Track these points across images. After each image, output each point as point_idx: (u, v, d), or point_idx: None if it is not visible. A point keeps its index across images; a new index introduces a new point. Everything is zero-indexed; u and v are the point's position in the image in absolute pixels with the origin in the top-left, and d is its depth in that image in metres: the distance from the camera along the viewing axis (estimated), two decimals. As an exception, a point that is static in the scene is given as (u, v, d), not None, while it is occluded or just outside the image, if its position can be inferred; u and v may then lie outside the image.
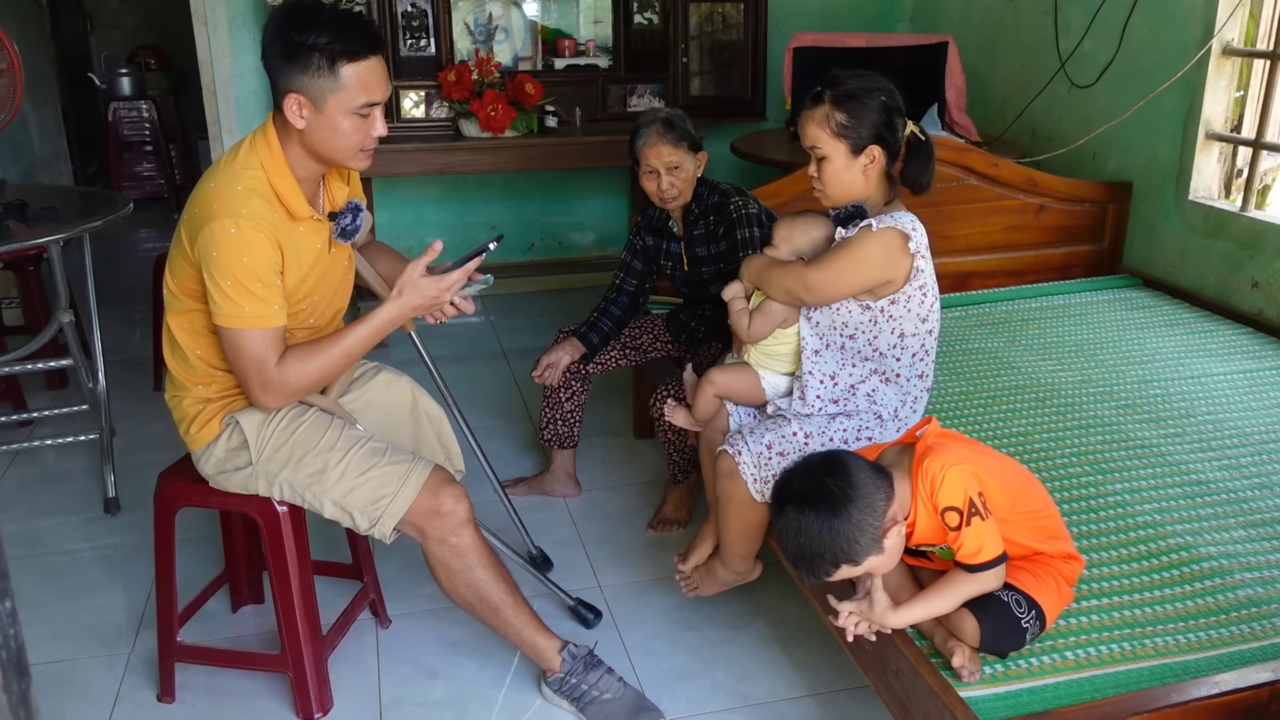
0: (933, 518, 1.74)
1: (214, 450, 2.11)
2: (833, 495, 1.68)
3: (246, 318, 1.92)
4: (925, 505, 1.74)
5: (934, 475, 1.71)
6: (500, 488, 2.79)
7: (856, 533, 1.68)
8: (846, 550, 1.68)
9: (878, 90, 2.14)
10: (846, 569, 1.71)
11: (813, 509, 1.69)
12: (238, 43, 4.57)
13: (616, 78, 4.64)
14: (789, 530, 1.72)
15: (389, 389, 2.33)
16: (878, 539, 1.70)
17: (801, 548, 1.71)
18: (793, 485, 1.74)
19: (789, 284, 2.17)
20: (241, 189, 1.93)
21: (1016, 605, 1.70)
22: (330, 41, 1.86)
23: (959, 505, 1.68)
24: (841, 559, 1.69)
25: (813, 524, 1.68)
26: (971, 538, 1.69)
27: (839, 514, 1.67)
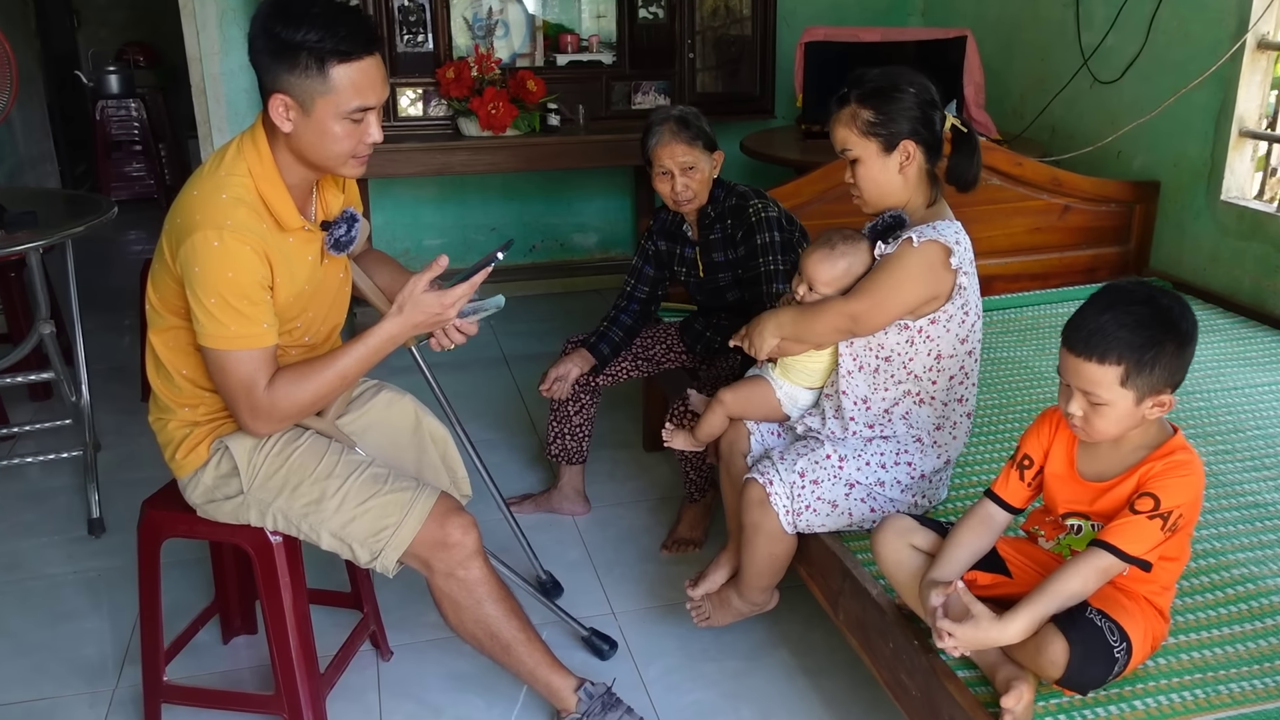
0: (1109, 493, 1.61)
1: (202, 477, 1.96)
2: (1179, 318, 1.53)
3: (233, 338, 1.77)
4: (1123, 479, 1.60)
5: (1179, 464, 1.57)
6: (505, 506, 2.64)
7: (1162, 360, 1.52)
8: (1139, 360, 1.51)
9: (907, 83, 1.99)
10: (1112, 373, 1.52)
11: (1153, 311, 1.52)
12: (228, 39, 4.41)
13: (621, 74, 4.48)
14: (1105, 305, 1.54)
15: (390, 409, 2.18)
16: (1159, 390, 1.54)
17: (1105, 327, 1.52)
18: (1142, 285, 1.58)
19: (835, 323, 2.02)
20: (226, 198, 1.77)
21: (1109, 633, 1.55)
22: (320, 39, 1.70)
23: (1167, 505, 1.54)
24: (1126, 360, 1.51)
25: (1137, 318, 1.51)
26: (1147, 531, 1.54)
27: (1169, 333, 1.52)
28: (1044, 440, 1.73)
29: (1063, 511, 1.69)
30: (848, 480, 2.05)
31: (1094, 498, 1.63)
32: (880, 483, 2.06)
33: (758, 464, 2.10)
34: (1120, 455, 1.62)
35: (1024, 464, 1.75)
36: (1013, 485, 1.75)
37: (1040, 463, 1.73)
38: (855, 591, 1.93)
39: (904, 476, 2.06)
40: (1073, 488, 1.67)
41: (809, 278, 2.07)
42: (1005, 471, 1.77)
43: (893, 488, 2.06)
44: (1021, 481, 1.74)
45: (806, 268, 2.08)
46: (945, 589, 1.61)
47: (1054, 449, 1.71)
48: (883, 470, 2.06)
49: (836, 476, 2.04)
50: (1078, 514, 1.67)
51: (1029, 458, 1.74)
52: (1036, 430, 1.75)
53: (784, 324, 2.08)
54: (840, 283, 2.05)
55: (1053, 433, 1.72)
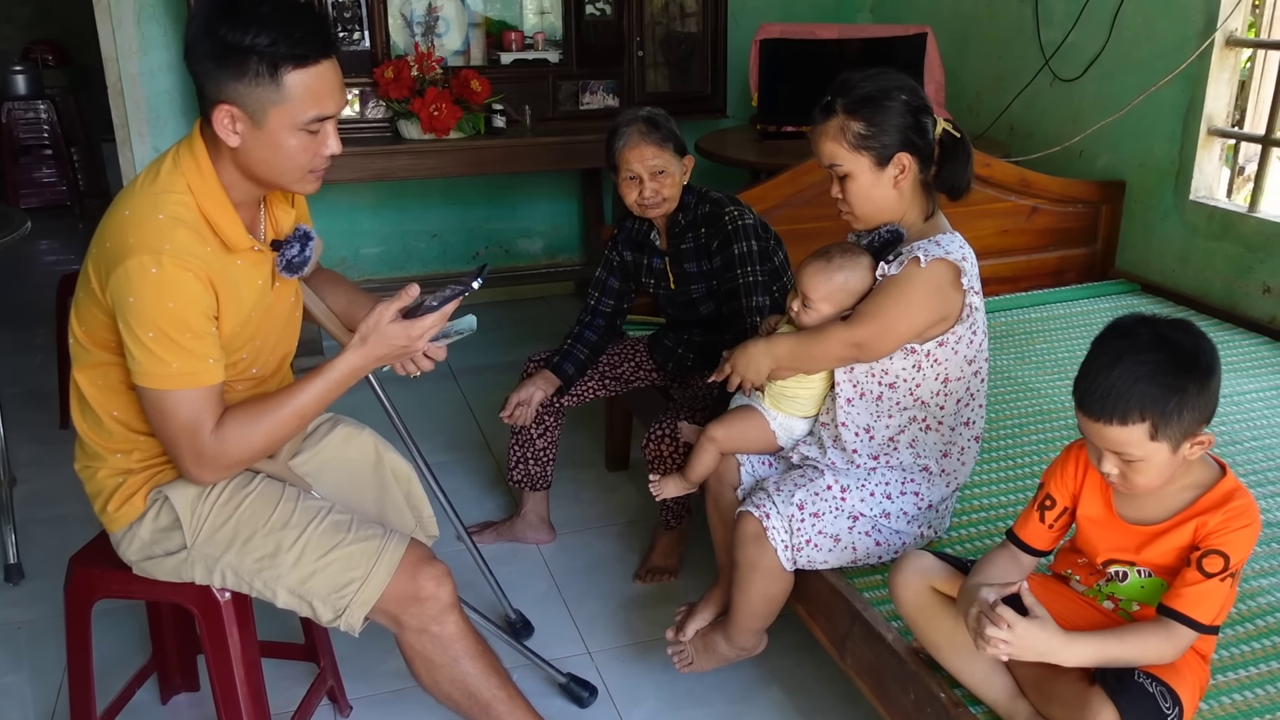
0: (1160, 539, 1.47)
1: (137, 532, 1.74)
2: (1195, 353, 1.39)
3: (174, 376, 1.56)
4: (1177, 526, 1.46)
5: (1240, 513, 1.43)
6: (467, 536, 2.45)
7: (1188, 404, 1.37)
8: (1164, 411, 1.37)
9: (896, 89, 1.85)
10: (1139, 431, 1.38)
11: (1165, 353, 1.38)
12: (146, 37, 4.12)
13: (568, 73, 4.29)
14: (1113, 358, 1.40)
15: (348, 445, 1.97)
16: (1193, 432, 1.40)
17: (1119, 385, 1.38)
18: (1146, 324, 1.43)
19: (837, 352, 1.86)
20: (164, 218, 1.56)
21: (1162, 698, 1.41)
22: (273, 43, 1.50)
23: (1237, 562, 1.41)
24: (1151, 414, 1.37)
25: (1152, 366, 1.37)
26: (1214, 592, 1.41)
27: (1189, 374, 1.38)
28: (1071, 482, 1.59)
29: (1104, 559, 1.55)
30: (851, 512, 1.90)
31: (1141, 544, 1.50)
32: (886, 514, 1.92)
33: (751, 495, 1.95)
34: (1165, 496, 1.48)
35: (1045, 505, 1.61)
36: (1034, 527, 1.61)
37: (1066, 504, 1.59)
38: (866, 636, 1.79)
39: (911, 507, 1.93)
40: (1115, 533, 1.53)
41: (803, 291, 1.92)
42: (1026, 513, 1.63)
43: (899, 519, 1.92)
44: (1043, 524, 1.61)
45: (800, 280, 1.92)
46: (1001, 587, 1.47)
47: (1085, 492, 1.57)
48: (888, 501, 1.92)
49: (839, 508, 1.90)
50: (1123, 561, 1.53)
51: (1051, 498, 1.60)
52: (1061, 470, 1.60)
53: (779, 355, 1.92)
54: (836, 298, 1.90)
55: (1080, 473, 1.58)
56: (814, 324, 1.92)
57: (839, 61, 3.95)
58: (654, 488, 2.21)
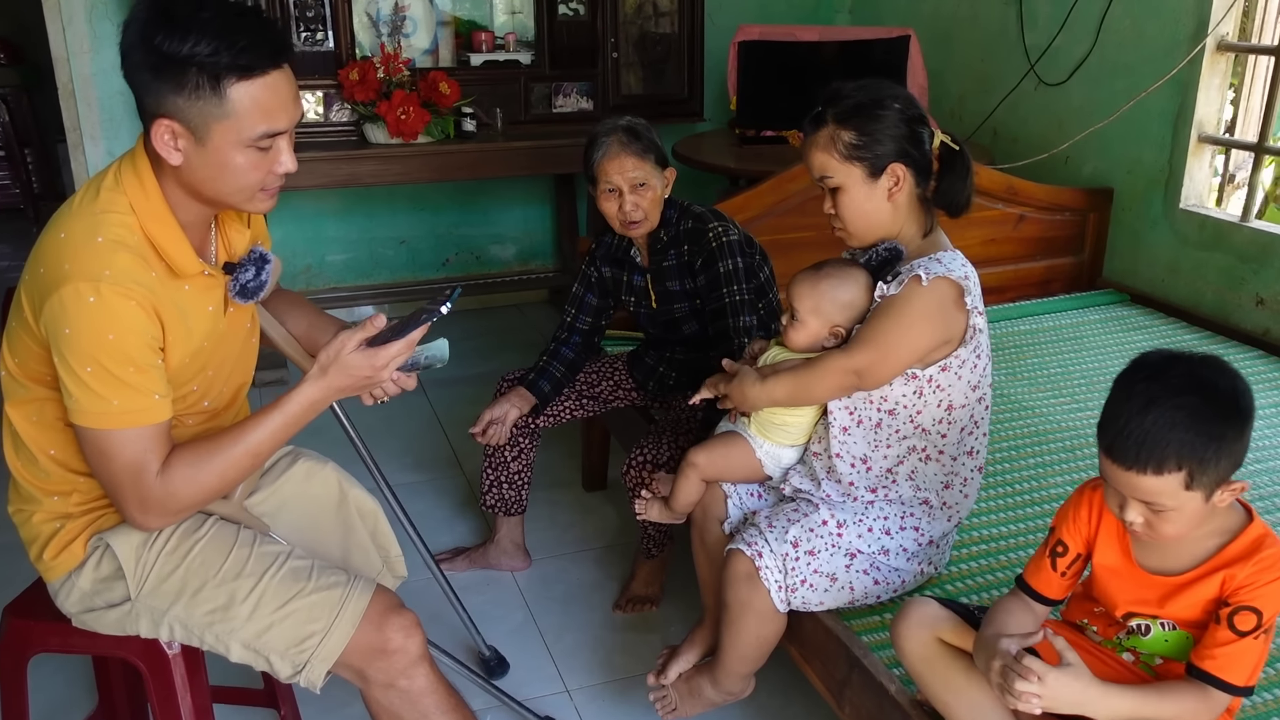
0: (1184, 591, 1.37)
1: (77, 581, 1.59)
2: (1233, 396, 1.29)
3: (115, 414, 1.41)
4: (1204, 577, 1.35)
5: (1273, 563, 1.32)
6: (436, 565, 2.31)
7: (1226, 451, 1.27)
8: (1201, 459, 1.26)
9: (890, 98, 1.74)
10: (1174, 481, 1.27)
11: (1201, 397, 1.27)
12: (99, 35, 3.94)
13: (540, 75, 4.15)
14: (1144, 402, 1.29)
15: (310, 481, 1.84)
16: (1226, 478, 1.30)
17: (1154, 432, 1.27)
18: (1177, 363, 1.32)
19: (837, 382, 1.74)
20: (103, 241, 1.42)
21: None
22: (214, 52, 1.36)
23: (1270, 616, 1.31)
24: (1188, 464, 1.26)
25: (1189, 411, 1.26)
26: (1248, 651, 1.30)
27: (1228, 419, 1.27)
28: (1085, 527, 1.47)
29: (1124, 612, 1.44)
30: (848, 550, 1.79)
31: (1164, 596, 1.39)
32: (885, 550, 1.80)
33: (742, 532, 1.83)
34: (1188, 544, 1.37)
35: (1057, 551, 1.50)
36: (1046, 575, 1.49)
37: (1080, 551, 1.48)
38: (866, 685, 1.67)
39: (911, 543, 1.82)
40: (1134, 584, 1.42)
41: (791, 304, 1.81)
42: (1037, 559, 1.52)
43: (898, 556, 1.81)
44: (1055, 571, 1.50)
45: (790, 294, 1.82)
46: (1023, 637, 1.36)
47: (1101, 538, 1.46)
48: (887, 537, 1.81)
49: (835, 546, 1.78)
50: (1144, 615, 1.43)
51: (1063, 545, 1.49)
52: (1073, 513, 1.49)
53: (775, 395, 1.79)
54: (824, 309, 1.79)
55: (1094, 518, 1.46)
56: (804, 342, 1.81)
57: (820, 64, 3.85)
58: (639, 507, 2.08)
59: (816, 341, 1.80)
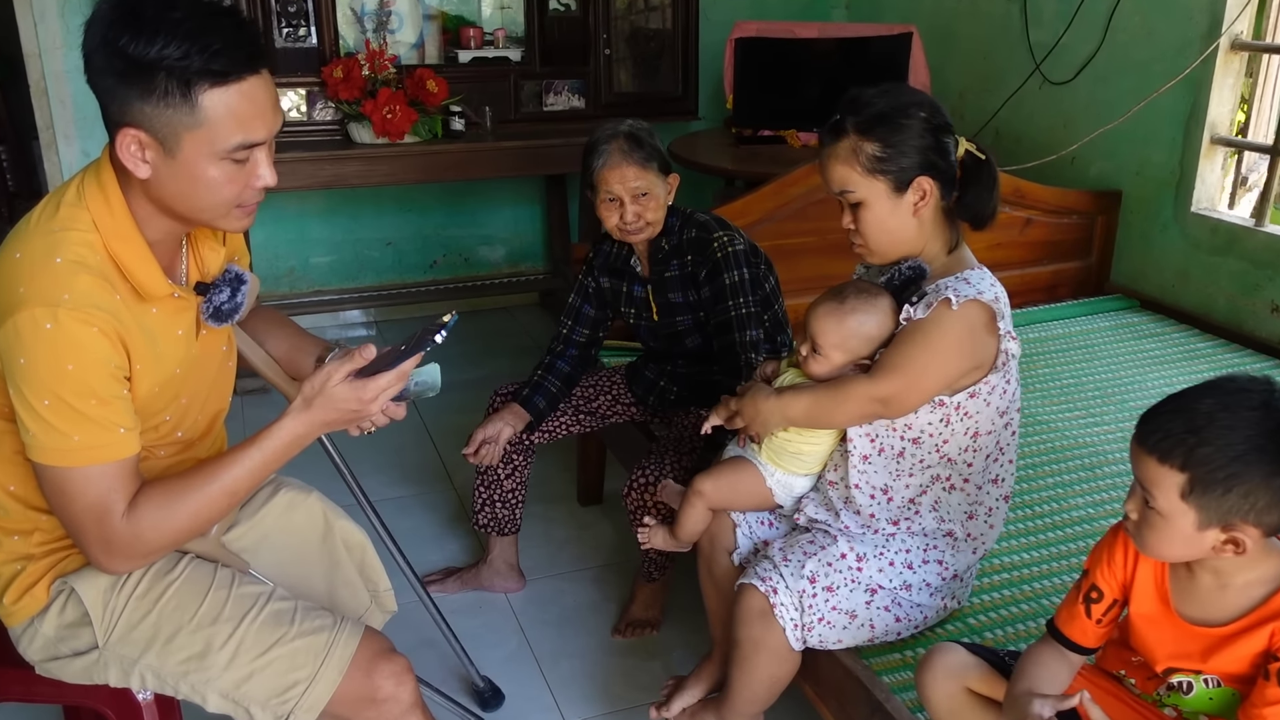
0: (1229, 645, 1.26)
1: (40, 627, 1.47)
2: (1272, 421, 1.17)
3: (76, 450, 1.30)
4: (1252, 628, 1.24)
5: None
6: (424, 589, 2.18)
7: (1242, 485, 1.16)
8: (1211, 475, 1.16)
9: (914, 105, 1.63)
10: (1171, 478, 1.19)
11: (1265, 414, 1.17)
12: (71, 30, 3.80)
13: (530, 72, 4.03)
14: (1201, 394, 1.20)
15: (292, 513, 1.72)
16: (1233, 524, 1.19)
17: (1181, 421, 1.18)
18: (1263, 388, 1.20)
19: (860, 410, 1.63)
20: (62, 262, 1.30)
21: None
22: (184, 56, 1.23)
23: None
24: (1195, 470, 1.17)
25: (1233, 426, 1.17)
26: None
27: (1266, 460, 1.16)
28: (1120, 571, 1.36)
29: (1164, 667, 1.33)
30: (869, 585, 1.68)
31: (1207, 650, 1.28)
32: (907, 586, 1.70)
33: (754, 565, 1.72)
34: (1230, 593, 1.27)
35: (1091, 597, 1.39)
36: (1080, 623, 1.39)
37: (1116, 597, 1.38)
38: (889, 730, 1.57)
39: (934, 577, 1.71)
40: (1174, 636, 1.31)
41: (813, 336, 1.69)
42: (1069, 604, 1.41)
43: (921, 591, 1.71)
44: (1090, 619, 1.39)
45: (811, 324, 1.69)
46: (1058, 699, 1.25)
47: (1138, 584, 1.35)
48: (909, 571, 1.70)
49: (855, 581, 1.68)
50: (1186, 670, 1.32)
51: (1098, 590, 1.39)
52: (1107, 556, 1.38)
53: (793, 417, 1.68)
54: (850, 345, 1.67)
55: (1130, 562, 1.35)
56: (824, 373, 1.69)
57: (819, 62, 3.74)
58: (642, 535, 1.98)
59: (838, 372, 1.69)
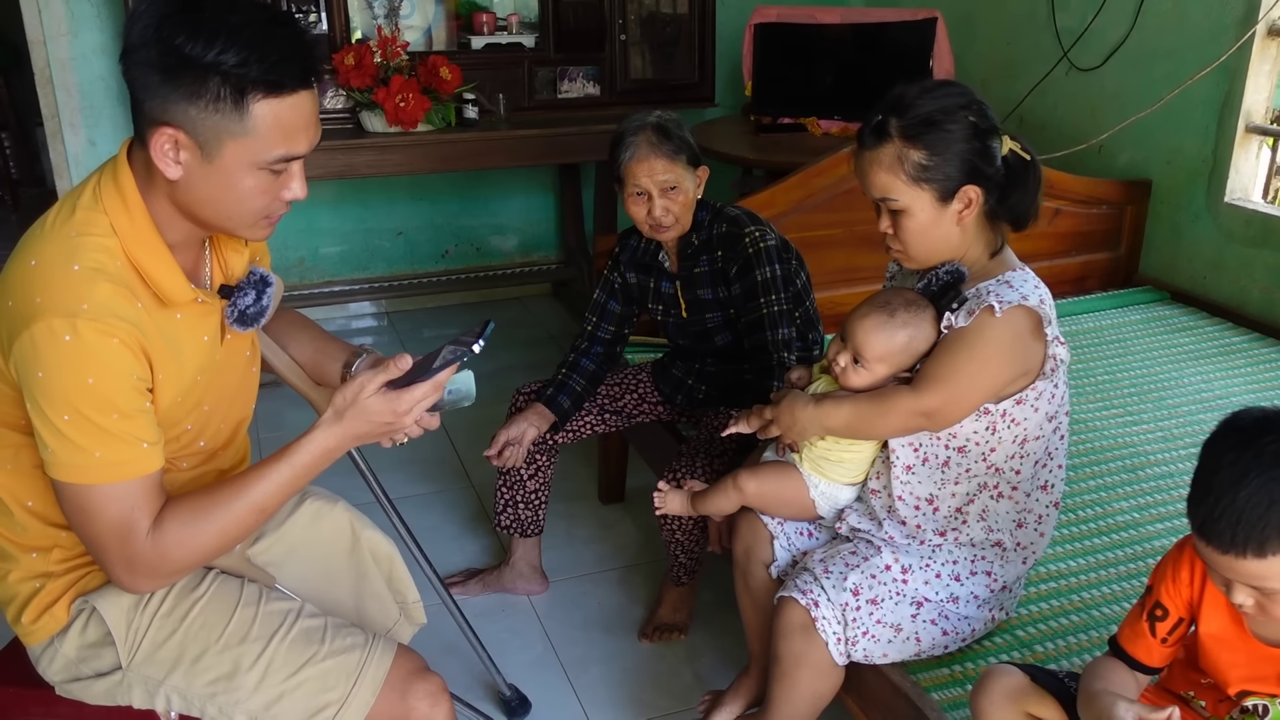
0: None
1: (60, 648, 1.42)
2: None
3: (98, 467, 1.24)
4: None
5: None
6: (446, 591, 2.12)
7: None
8: None
9: (961, 108, 1.55)
10: None
11: None
12: (77, 17, 3.72)
13: (545, 58, 3.95)
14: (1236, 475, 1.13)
15: (319, 524, 1.66)
16: None
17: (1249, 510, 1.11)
18: (1270, 427, 1.15)
19: (902, 424, 1.57)
20: (80, 269, 1.23)
21: None
22: (242, 62, 1.18)
23: None
24: None
25: None
26: None
27: None
28: (1185, 589, 1.30)
29: (1238, 690, 1.28)
30: (914, 598, 1.62)
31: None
32: (954, 598, 1.64)
33: (794, 577, 1.66)
34: None
35: (1156, 615, 1.33)
36: (1144, 642, 1.33)
37: (1182, 615, 1.31)
38: (941, 751, 1.51)
39: (982, 589, 1.65)
40: (1249, 658, 1.25)
41: (857, 348, 1.62)
42: (1133, 621, 1.35)
43: (969, 604, 1.65)
44: (1154, 638, 1.33)
45: (856, 335, 1.62)
46: (1141, 708, 1.19)
47: (1207, 604, 1.28)
48: (956, 583, 1.64)
49: (900, 594, 1.62)
50: (1262, 694, 1.26)
51: (1163, 608, 1.32)
52: (1173, 573, 1.31)
53: (832, 428, 1.62)
54: (896, 359, 1.61)
55: (1197, 580, 1.29)
56: (864, 386, 1.63)
57: (840, 48, 3.66)
58: (657, 496, 1.90)
59: (879, 384, 1.63)
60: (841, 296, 2.97)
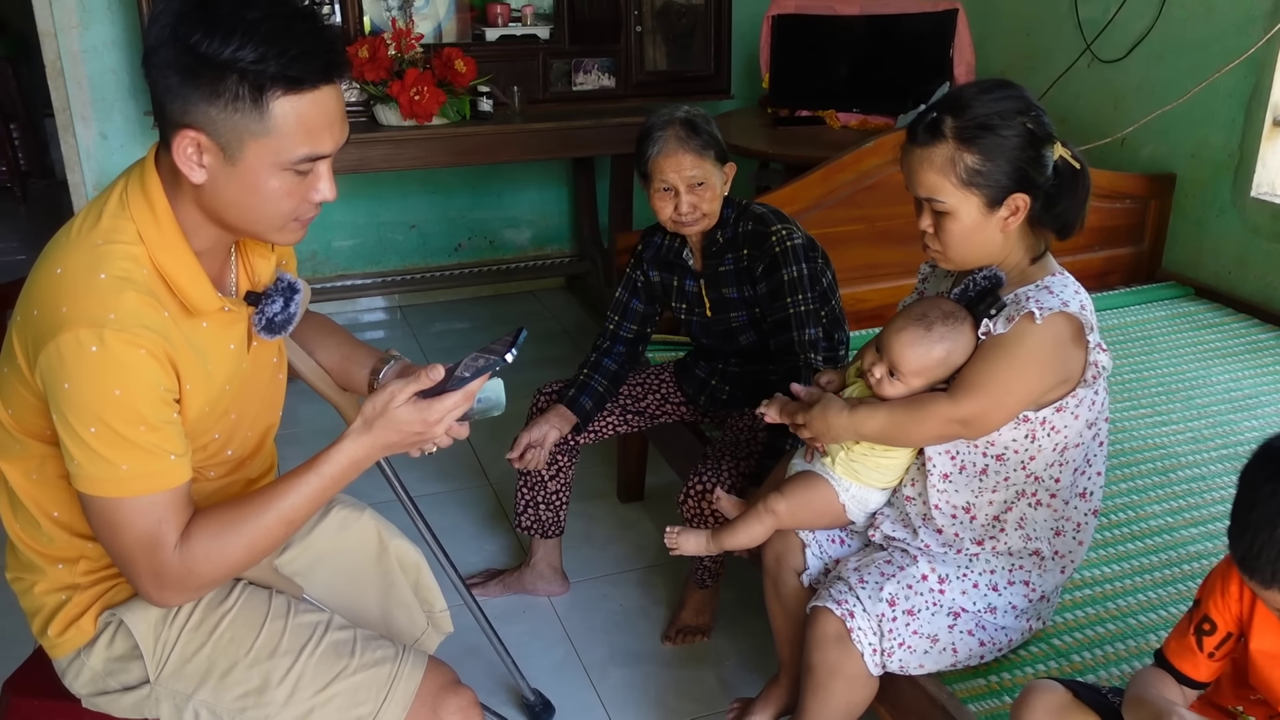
0: None
1: (87, 660, 1.40)
2: None
3: (125, 480, 1.21)
4: None
5: None
6: (469, 593, 2.09)
7: None
8: None
9: (1018, 113, 1.50)
10: None
11: None
12: (88, 9, 3.69)
13: (559, 50, 3.91)
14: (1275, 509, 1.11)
15: (346, 533, 1.63)
16: None
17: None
18: None
19: (939, 431, 1.54)
20: (107, 278, 1.20)
21: None
22: (259, 59, 1.14)
23: None
24: None
25: None
26: None
27: None
28: (1235, 605, 1.27)
29: None
30: (951, 608, 1.60)
31: None
32: (991, 608, 1.61)
33: (828, 587, 1.63)
34: None
35: (1204, 629, 1.30)
36: (1192, 656, 1.30)
37: (1230, 630, 1.29)
38: (980, 764, 1.49)
39: (1020, 599, 1.62)
40: None
41: (894, 362, 1.58)
42: (1180, 634, 1.32)
43: (1006, 614, 1.62)
44: (1202, 652, 1.30)
45: (892, 349, 1.58)
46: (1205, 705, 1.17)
47: (1258, 619, 1.25)
48: (994, 593, 1.61)
49: (937, 604, 1.59)
50: None
51: (1211, 622, 1.30)
52: (1221, 587, 1.29)
53: (867, 434, 1.59)
54: (933, 373, 1.57)
55: (1247, 596, 1.26)
56: (900, 395, 1.59)
57: (860, 40, 3.62)
58: (669, 540, 1.84)
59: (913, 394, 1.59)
60: (863, 293, 2.94)
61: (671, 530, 1.84)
